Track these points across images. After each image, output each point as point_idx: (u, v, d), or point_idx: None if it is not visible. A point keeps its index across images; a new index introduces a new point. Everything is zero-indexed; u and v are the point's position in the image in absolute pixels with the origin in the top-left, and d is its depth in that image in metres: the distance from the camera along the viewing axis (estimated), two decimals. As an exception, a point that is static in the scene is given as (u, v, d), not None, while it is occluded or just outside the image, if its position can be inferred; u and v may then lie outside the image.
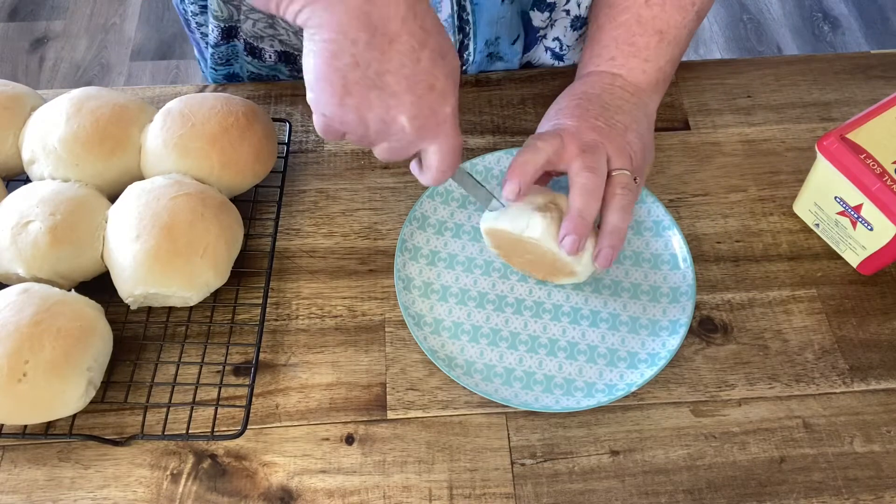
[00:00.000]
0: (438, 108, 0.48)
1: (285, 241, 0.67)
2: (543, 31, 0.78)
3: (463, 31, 0.74)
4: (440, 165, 0.52)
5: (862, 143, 0.60)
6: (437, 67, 0.47)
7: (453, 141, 0.51)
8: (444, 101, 0.48)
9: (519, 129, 0.74)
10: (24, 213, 0.58)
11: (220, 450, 0.57)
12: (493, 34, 0.76)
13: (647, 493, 0.55)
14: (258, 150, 0.64)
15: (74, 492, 0.55)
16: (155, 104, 0.70)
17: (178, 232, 0.58)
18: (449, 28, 0.74)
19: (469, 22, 0.73)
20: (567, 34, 0.79)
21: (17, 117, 0.65)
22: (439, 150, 0.51)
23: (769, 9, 2.12)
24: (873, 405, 0.59)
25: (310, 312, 0.63)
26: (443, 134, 0.50)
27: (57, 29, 2.06)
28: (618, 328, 0.62)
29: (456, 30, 0.74)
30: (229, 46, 0.79)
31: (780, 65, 0.79)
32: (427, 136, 0.50)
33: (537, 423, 0.58)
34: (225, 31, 0.76)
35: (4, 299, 0.55)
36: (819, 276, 0.65)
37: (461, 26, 0.74)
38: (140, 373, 0.60)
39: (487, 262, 0.65)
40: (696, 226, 0.68)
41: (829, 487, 0.55)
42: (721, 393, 0.59)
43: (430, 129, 0.49)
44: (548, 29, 0.79)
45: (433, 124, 0.49)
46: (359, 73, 0.46)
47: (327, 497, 0.55)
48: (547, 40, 0.80)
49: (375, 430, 0.58)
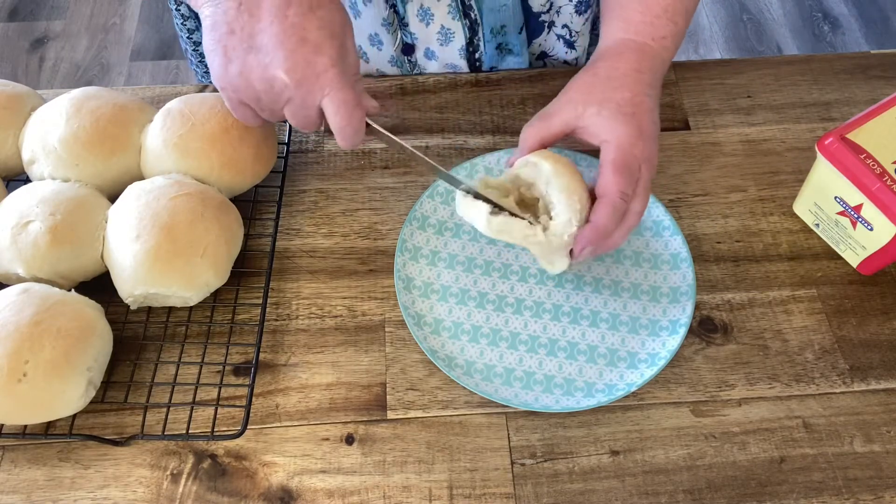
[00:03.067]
0: (313, 59, 0.49)
1: (285, 241, 0.67)
2: (546, 15, 0.78)
3: (468, 16, 0.74)
4: (336, 121, 0.52)
5: (862, 143, 0.60)
6: (308, 20, 0.48)
7: (340, 94, 0.51)
8: (319, 51, 0.49)
9: (519, 129, 0.73)
10: (24, 213, 0.58)
11: (220, 450, 0.57)
12: (497, 22, 0.76)
13: (647, 493, 0.55)
14: (258, 150, 0.64)
15: (74, 492, 0.55)
16: (155, 104, 0.70)
17: (178, 232, 0.58)
18: (454, 13, 0.74)
19: (473, 7, 0.74)
20: (574, 20, 0.79)
21: (17, 117, 0.65)
22: (331, 103, 0.51)
23: (769, 9, 2.12)
24: (873, 405, 0.59)
25: (310, 312, 0.63)
26: (328, 86, 0.50)
27: (57, 29, 2.06)
28: (618, 328, 0.62)
29: (461, 15, 0.74)
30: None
31: (780, 65, 0.79)
32: (312, 89, 0.50)
33: (537, 423, 0.58)
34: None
35: (4, 299, 0.55)
36: (819, 276, 0.65)
37: (465, 12, 0.74)
38: (140, 373, 0.60)
39: (487, 262, 0.65)
40: (696, 226, 0.68)
41: (829, 487, 0.55)
42: (721, 393, 0.59)
43: (310, 80, 0.49)
44: (553, 15, 0.79)
45: (311, 75, 0.49)
46: (235, 40, 0.48)
47: (327, 497, 0.55)
48: (556, 27, 0.80)
49: (375, 430, 0.58)
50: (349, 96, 0.51)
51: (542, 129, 0.59)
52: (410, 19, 0.75)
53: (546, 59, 0.83)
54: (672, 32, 0.63)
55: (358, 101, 0.52)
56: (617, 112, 0.57)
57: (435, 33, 0.76)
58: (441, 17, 0.75)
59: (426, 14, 0.74)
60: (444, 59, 0.78)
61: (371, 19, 0.75)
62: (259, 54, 0.49)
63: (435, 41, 0.77)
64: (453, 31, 0.76)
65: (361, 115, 0.53)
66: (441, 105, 0.75)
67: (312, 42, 0.49)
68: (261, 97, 0.52)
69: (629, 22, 0.63)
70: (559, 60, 0.83)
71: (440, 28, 0.76)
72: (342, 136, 0.53)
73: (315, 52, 0.49)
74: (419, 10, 0.74)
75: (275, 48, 0.48)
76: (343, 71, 0.50)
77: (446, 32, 0.76)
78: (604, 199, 0.55)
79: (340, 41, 0.50)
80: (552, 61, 0.83)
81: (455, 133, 0.73)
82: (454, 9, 0.74)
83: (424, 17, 0.75)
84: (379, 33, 0.76)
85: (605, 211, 0.55)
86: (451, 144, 0.73)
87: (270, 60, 0.49)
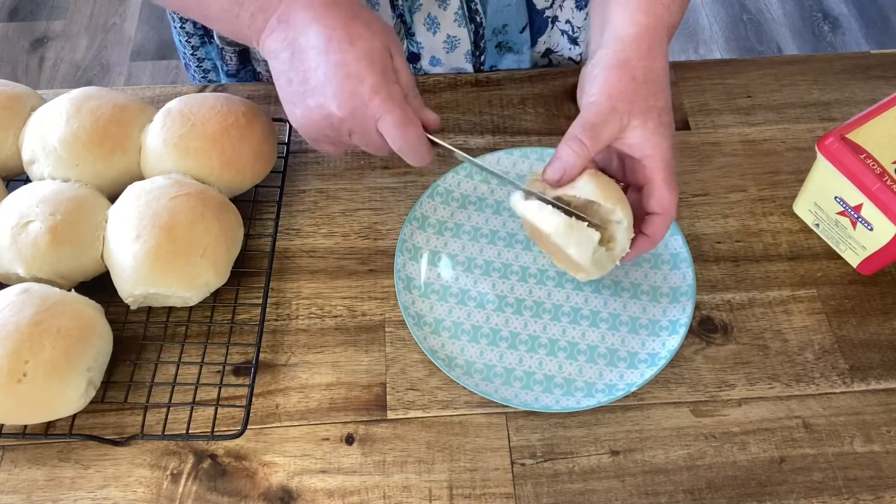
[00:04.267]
0: (357, 90, 0.51)
1: (285, 241, 0.67)
2: (550, 11, 0.79)
3: (475, 21, 0.75)
4: (394, 143, 0.54)
5: (862, 143, 0.60)
6: (347, 54, 0.51)
7: (390, 116, 0.52)
8: (361, 81, 0.51)
9: (519, 129, 0.74)
10: (24, 213, 0.58)
11: (220, 450, 0.57)
12: (500, 22, 0.76)
13: (647, 493, 0.55)
14: (258, 150, 0.64)
15: (74, 492, 0.55)
16: (155, 104, 0.70)
17: (178, 232, 0.58)
18: (460, 21, 0.75)
19: (478, 11, 0.74)
20: (575, 15, 0.80)
21: (17, 117, 0.65)
22: (384, 127, 0.53)
23: (769, 9, 2.12)
24: (873, 405, 0.59)
25: (310, 312, 0.63)
26: (377, 112, 0.52)
27: (57, 29, 2.06)
28: (618, 328, 0.62)
29: (467, 20, 0.74)
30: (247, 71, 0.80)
31: (780, 65, 0.79)
32: (364, 118, 0.52)
33: (537, 423, 0.58)
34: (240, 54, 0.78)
35: (4, 299, 0.55)
36: (819, 276, 0.65)
37: (471, 17, 0.74)
38: (140, 373, 0.60)
39: (487, 262, 0.65)
40: (696, 226, 0.68)
41: (829, 487, 0.55)
42: (721, 393, 0.59)
43: (360, 111, 0.52)
44: (556, 10, 0.79)
45: (360, 106, 0.52)
46: (293, 87, 0.52)
47: (327, 497, 0.55)
48: (560, 23, 0.80)
49: (375, 430, 0.58)
50: (399, 117, 0.53)
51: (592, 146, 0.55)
52: (417, 28, 0.75)
53: (551, 55, 0.83)
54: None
55: (409, 120, 0.53)
56: (659, 124, 0.56)
57: (441, 42, 0.77)
58: (447, 26, 0.75)
59: (433, 23, 0.75)
60: (450, 64, 0.79)
61: None
62: (314, 95, 0.52)
63: (441, 49, 0.77)
64: (459, 38, 0.77)
65: (416, 132, 0.54)
66: (441, 105, 0.75)
67: (355, 74, 0.51)
68: (328, 133, 0.55)
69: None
70: (564, 57, 0.83)
71: (446, 37, 0.76)
72: (404, 156, 0.55)
73: (358, 83, 0.51)
74: (426, 18, 0.75)
75: (324, 87, 0.52)
76: (389, 94, 0.52)
77: (452, 40, 0.77)
78: (664, 216, 0.56)
79: (382, 66, 0.53)
80: (557, 57, 0.83)
81: (455, 133, 0.73)
82: (460, 16, 0.74)
83: (431, 25, 0.75)
84: None
85: (664, 227, 0.57)
86: (451, 144, 0.72)
87: (324, 100, 0.52)
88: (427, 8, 0.74)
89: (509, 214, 0.67)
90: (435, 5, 0.74)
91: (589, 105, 0.55)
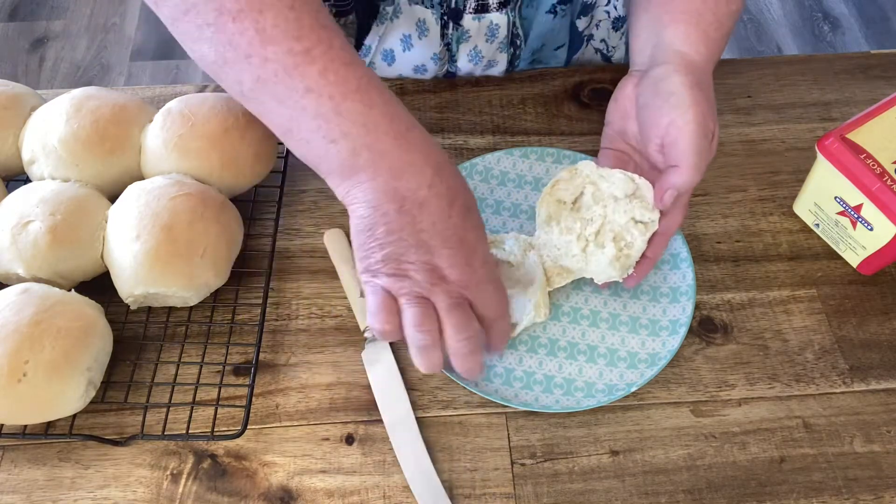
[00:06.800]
0: (471, 258, 0.50)
1: (285, 241, 0.67)
2: (587, 30, 0.80)
3: (514, 44, 0.76)
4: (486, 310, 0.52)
5: (862, 143, 0.60)
6: (467, 221, 0.50)
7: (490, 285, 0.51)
8: (475, 252, 0.51)
9: (519, 129, 0.74)
10: (24, 213, 0.58)
11: (220, 450, 0.57)
12: (539, 43, 0.78)
13: (647, 493, 0.55)
14: (258, 150, 0.64)
15: (74, 492, 0.55)
16: (155, 104, 0.70)
17: (178, 232, 0.58)
18: (503, 48, 0.76)
19: (519, 35, 0.75)
20: (610, 35, 0.81)
21: (17, 117, 0.65)
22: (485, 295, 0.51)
23: (769, 9, 2.12)
24: (873, 405, 0.59)
25: (310, 312, 0.63)
26: (484, 282, 0.51)
27: (57, 29, 2.06)
28: (618, 328, 0.62)
29: (508, 45, 0.76)
30: None
31: (780, 65, 0.79)
32: (469, 286, 0.50)
33: (537, 423, 0.58)
34: None
35: (4, 299, 0.55)
36: (819, 276, 0.65)
37: (512, 40, 0.75)
38: (140, 373, 0.60)
39: (487, 262, 0.65)
40: (696, 226, 0.68)
41: (829, 487, 0.55)
42: (721, 393, 0.59)
43: (469, 277, 0.50)
44: (592, 29, 0.80)
45: (469, 272, 0.50)
46: (394, 238, 0.49)
47: (327, 497, 0.55)
48: (595, 41, 0.82)
49: (375, 430, 0.58)
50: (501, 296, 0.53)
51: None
52: (460, 57, 0.76)
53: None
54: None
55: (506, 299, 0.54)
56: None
57: (481, 68, 0.78)
58: (490, 54, 0.76)
59: (477, 55, 0.76)
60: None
61: (421, 52, 0.75)
62: (419, 250, 0.49)
63: (477, 70, 0.78)
64: (497, 61, 0.78)
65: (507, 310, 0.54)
66: (441, 105, 0.75)
67: (470, 242, 0.50)
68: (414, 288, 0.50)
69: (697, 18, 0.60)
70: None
71: (487, 63, 0.78)
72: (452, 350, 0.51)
73: (472, 252, 0.50)
74: (472, 50, 0.75)
75: (439, 246, 0.49)
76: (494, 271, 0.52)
77: (490, 63, 0.78)
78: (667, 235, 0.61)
79: (484, 235, 0.52)
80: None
81: (455, 133, 0.73)
82: (504, 44, 0.75)
83: (475, 57, 0.76)
84: (426, 64, 0.77)
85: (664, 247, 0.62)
86: (452, 144, 0.73)
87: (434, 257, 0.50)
88: (475, 41, 0.75)
89: (510, 214, 0.68)
90: (483, 39, 0.74)
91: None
